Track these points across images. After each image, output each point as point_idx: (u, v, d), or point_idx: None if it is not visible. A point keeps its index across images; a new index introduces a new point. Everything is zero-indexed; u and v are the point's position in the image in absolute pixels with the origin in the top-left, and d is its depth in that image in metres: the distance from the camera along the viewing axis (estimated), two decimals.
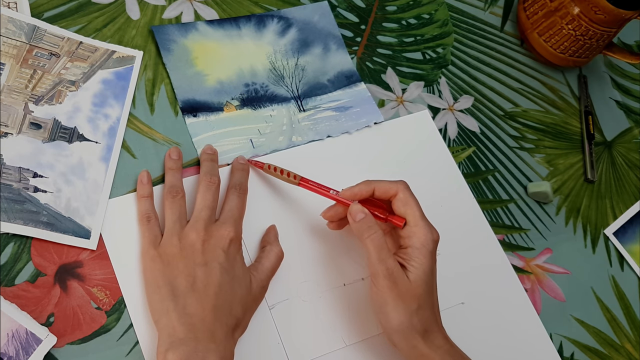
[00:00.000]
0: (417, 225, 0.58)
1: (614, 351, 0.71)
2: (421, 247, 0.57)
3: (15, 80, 0.64)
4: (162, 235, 0.60)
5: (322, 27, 0.78)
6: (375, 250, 0.57)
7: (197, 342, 0.53)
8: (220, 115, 0.69)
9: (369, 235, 0.57)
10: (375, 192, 0.60)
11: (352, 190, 0.60)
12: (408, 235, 0.58)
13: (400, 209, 0.59)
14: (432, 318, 0.57)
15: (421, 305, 0.57)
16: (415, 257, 0.57)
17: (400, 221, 0.59)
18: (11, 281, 0.57)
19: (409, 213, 0.58)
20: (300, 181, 0.63)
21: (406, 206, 0.59)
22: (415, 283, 0.56)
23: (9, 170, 0.60)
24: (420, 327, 0.56)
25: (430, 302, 0.57)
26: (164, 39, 0.71)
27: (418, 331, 0.56)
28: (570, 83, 0.87)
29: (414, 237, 0.58)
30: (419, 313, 0.56)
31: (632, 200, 0.81)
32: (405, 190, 0.59)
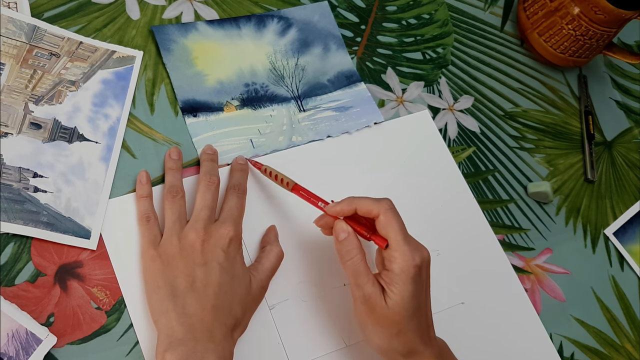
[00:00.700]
0: (397, 250, 0.55)
1: (614, 351, 0.71)
2: (400, 272, 0.54)
3: (15, 80, 0.64)
4: (161, 235, 0.60)
5: (322, 27, 0.78)
6: (352, 276, 0.56)
7: (196, 342, 0.53)
8: (220, 115, 0.69)
9: (348, 259, 0.57)
10: (357, 210, 0.58)
11: (335, 207, 0.59)
12: (389, 259, 0.56)
13: (382, 230, 0.57)
14: (416, 339, 0.56)
15: (402, 329, 0.55)
16: (395, 283, 0.55)
17: (382, 242, 0.57)
18: (11, 281, 0.57)
19: (391, 237, 0.56)
20: (292, 189, 0.63)
21: (387, 229, 0.56)
22: (393, 309, 0.54)
23: (9, 170, 0.60)
24: (402, 350, 0.55)
25: (414, 324, 0.55)
26: (164, 39, 0.71)
27: (401, 353, 0.55)
28: (570, 83, 0.87)
29: (395, 262, 0.55)
30: (400, 337, 0.55)
31: (632, 200, 0.81)
32: (387, 212, 0.56)
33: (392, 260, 0.55)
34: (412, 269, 0.55)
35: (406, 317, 0.55)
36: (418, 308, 0.55)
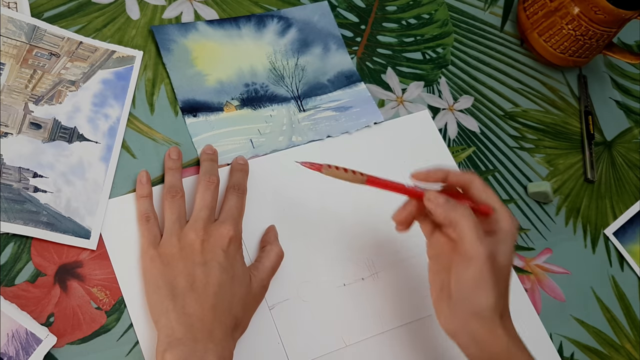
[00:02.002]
0: (503, 209, 0.57)
1: (614, 351, 0.71)
2: (509, 231, 0.56)
3: (15, 80, 0.64)
4: (161, 235, 0.60)
5: (322, 27, 0.78)
6: (474, 230, 0.54)
7: (196, 342, 0.53)
8: (220, 115, 0.69)
9: (463, 215, 0.54)
10: (449, 176, 0.58)
11: (424, 172, 0.58)
12: (496, 219, 0.56)
13: (481, 195, 0.57)
14: (507, 302, 0.56)
15: (506, 288, 0.56)
16: (504, 241, 0.55)
17: (487, 209, 0.57)
18: (11, 281, 0.57)
19: (493, 199, 0.57)
20: (367, 180, 0.58)
21: (487, 192, 0.57)
22: (505, 266, 0.55)
23: (9, 170, 0.60)
24: (502, 308, 0.55)
25: (509, 287, 0.57)
26: (164, 39, 0.71)
27: (500, 313, 0.55)
28: (570, 83, 0.87)
29: (503, 221, 0.56)
30: (505, 295, 0.56)
31: (632, 200, 0.81)
32: (480, 178, 0.58)
33: (499, 220, 0.56)
34: (516, 230, 0.57)
35: (510, 276, 0.56)
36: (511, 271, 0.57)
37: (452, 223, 0.55)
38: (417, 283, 0.67)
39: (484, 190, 0.57)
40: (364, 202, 0.69)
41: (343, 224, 0.68)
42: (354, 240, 0.68)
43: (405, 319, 0.65)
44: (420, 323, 0.65)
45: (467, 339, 0.55)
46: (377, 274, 0.67)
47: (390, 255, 0.68)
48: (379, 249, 0.68)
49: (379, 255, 0.67)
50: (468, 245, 0.54)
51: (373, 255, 0.67)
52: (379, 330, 0.64)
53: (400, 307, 0.66)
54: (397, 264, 0.67)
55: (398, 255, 0.68)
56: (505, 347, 0.54)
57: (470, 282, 0.54)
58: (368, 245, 0.68)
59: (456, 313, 0.55)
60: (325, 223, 0.68)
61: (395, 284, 0.67)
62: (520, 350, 0.55)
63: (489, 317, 0.54)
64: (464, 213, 0.54)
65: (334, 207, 0.68)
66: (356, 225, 0.68)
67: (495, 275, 0.54)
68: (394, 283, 0.67)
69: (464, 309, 0.55)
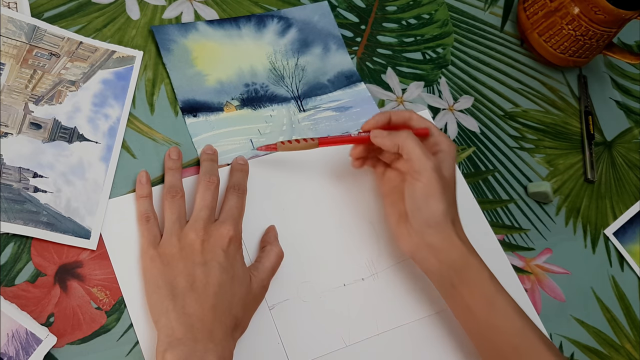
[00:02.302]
0: (441, 134, 0.64)
1: (614, 351, 0.71)
2: (449, 150, 0.63)
3: (15, 80, 0.64)
4: (161, 235, 0.60)
5: (322, 27, 0.78)
6: (420, 147, 0.60)
7: (196, 342, 0.53)
8: (220, 115, 0.69)
9: (407, 137, 0.61)
10: (391, 117, 0.64)
11: (371, 121, 0.64)
12: (436, 142, 0.64)
13: (420, 124, 0.64)
14: (456, 212, 0.62)
15: (454, 199, 0.62)
16: (446, 159, 0.63)
17: (425, 130, 0.64)
18: (11, 281, 0.57)
19: (430, 126, 0.65)
20: (319, 143, 0.65)
21: (425, 122, 0.65)
22: (450, 179, 0.62)
23: (9, 170, 0.60)
24: (453, 216, 0.61)
25: (455, 200, 0.63)
26: (164, 39, 0.71)
27: (451, 220, 0.60)
28: (570, 83, 0.87)
29: (442, 143, 0.64)
30: (454, 205, 0.62)
31: (632, 200, 0.81)
32: (417, 114, 0.65)
33: (439, 142, 0.64)
34: (454, 150, 0.64)
35: (455, 189, 0.63)
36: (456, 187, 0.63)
37: (399, 147, 0.61)
38: (417, 283, 0.67)
39: (421, 120, 0.65)
40: (364, 203, 0.69)
41: (343, 224, 0.68)
42: (353, 240, 0.68)
43: (405, 319, 0.65)
44: (420, 323, 0.65)
45: (426, 252, 0.60)
46: (377, 274, 0.67)
47: (390, 255, 0.68)
48: (379, 249, 0.68)
49: (379, 255, 0.67)
50: (416, 161, 0.60)
51: (373, 255, 0.67)
52: (378, 330, 0.64)
53: (400, 307, 0.66)
54: (396, 264, 0.67)
55: (398, 255, 0.68)
56: (460, 253, 0.60)
57: (421, 193, 0.60)
58: (368, 245, 0.68)
59: (413, 229, 0.61)
60: (325, 223, 0.68)
61: (395, 284, 0.67)
62: (473, 255, 0.60)
63: (442, 223, 0.60)
64: (407, 135, 0.61)
65: (334, 207, 0.68)
66: (356, 226, 0.68)
67: (443, 185, 0.60)
68: (394, 283, 0.67)
69: (419, 222, 0.60)
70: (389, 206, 0.65)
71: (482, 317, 0.59)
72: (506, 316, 0.59)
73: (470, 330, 0.62)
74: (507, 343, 0.59)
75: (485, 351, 0.61)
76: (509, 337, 0.59)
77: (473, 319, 0.60)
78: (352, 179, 0.70)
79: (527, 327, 0.59)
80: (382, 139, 0.62)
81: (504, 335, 0.59)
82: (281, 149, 0.65)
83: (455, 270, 0.60)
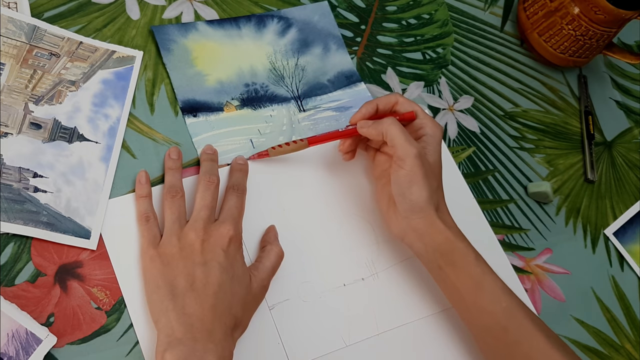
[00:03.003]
0: (426, 118, 0.65)
1: (614, 351, 0.71)
2: (434, 135, 0.64)
3: (15, 80, 0.64)
4: (161, 235, 0.60)
5: (322, 27, 0.78)
6: (402, 134, 0.61)
7: (196, 342, 0.53)
8: (221, 115, 0.69)
9: (390, 124, 0.61)
10: (379, 105, 0.65)
11: (358, 113, 0.65)
12: (420, 126, 0.64)
13: (406, 107, 0.65)
14: (442, 197, 0.63)
15: (439, 185, 0.63)
16: (431, 143, 0.63)
17: (411, 114, 0.65)
18: (11, 281, 0.57)
19: (416, 109, 0.65)
20: (308, 141, 0.66)
21: (411, 105, 0.65)
22: (434, 164, 0.63)
23: (9, 170, 0.60)
24: (436, 203, 0.61)
25: (441, 184, 0.63)
26: (164, 39, 0.71)
27: (435, 206, 0.61)
28: (570, 83, 0.87)
29: (427, 126, 0.64)
30: (438, 191, 0.62)
31: (632, 200, 0.81)
32: (403, 97, 0.66)
33: (423, 126, 0.64)
34: (439, 133, 0.64)
35: (440, 173, 0.64)
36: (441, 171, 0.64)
37: (384, 134, 0.62)
38: (417, 283, 0.67)
39: (407, 103, 0.66)
40: (364, 203, 0.69)
41: (343, 224, 0.68)
42: (354, 240, 0.68)
43: (405, 319, 0.65)
44: (420, 323, 0.65)
45: (412, 236, 0.62)
46: (377, 274, 0.67)
47: (390, 256, 0.68)
48: (378, 249, 0.68)
49: (379, 255, 0.67)
50: (399, 147, 0.60)
51: (373, 255, 0.67)
52: (378, 330, 0.64)
53: (400, 307, 0.66)
54: (397, 264, 0.67)
55: (398, 255, 0.68)
56: (445, 237, 0.61)
57: (404, 179, 0.61)
58: (368, 245, 0.68)
59: (399, 214, 0.62)
60: (325, 223, 0.68)
61: (395, 284, 0.67)
62: (459, 239, 0.61)
63: (426, 209, 0.61)
64: (390, 122, 0.61)
65: (334, 207, 0.68)
66: (356, 226, 0.68)
67: (426, 172, 0.61)
68: (393, 283, 0.67)
69: (404, 208, 0.61)
70: (379, 189, 0.66)
71: (469, 298, 0.60)
72: (493, 297, 0.60)
73: (460, 311, 0.62)
74: (496, 323, 0.60)
75: (476, 332, 0.62)
76: (497, 317, 0.60)
77: (462, 301, 0.61)
78: (352, 179, 0.70)
79: (515, 308, 0.60)
80: (367, 129, 0.63)
81: (493, 315, 0.60)
82: (272, 154, 0.66)
83: (441, 253, 0.61)
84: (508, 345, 0.59)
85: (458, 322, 0.65)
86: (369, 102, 0.65)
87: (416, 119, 0.65)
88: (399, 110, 0.66)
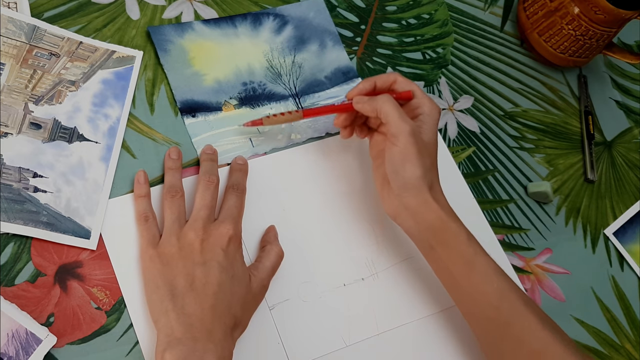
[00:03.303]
0: (424, 97, 0.64)
1: (614, 351, 0.71)
2: (430, 113, 0.64)
3: (15, 80, 0.64)
4: (160, 235, 0.60)
5: (317, 24, 0.78)
6: (397, 111, 0.61)
7: (195, 341, 0.53)
8: (219, 115, 0.69)
9: (384, 101, 0.61)
10: (377, 83, 0.65)
11: (355, 89, 0.65)
12: (417, 105, 0.64)
13: (404, 86, 0.65)
14: (436, 177, 0.63)
15: (433, 163, 0.63)
16: (427, 122, 0.63)
17: (408, 93, 0.65)
18: (11, 281, 0.57)
19: (414, 88, 0.65)
20: (303, 113, 0.66)
21: (410, 84, 0.65)
22: (429, 143, 0.62)
23: (9, 170, 0.60)
24: (430, 182, 0.61)
25: (436, 164, 0.63)
26: (161, 39, 0.71)
27: (429, 185, 0.61)
28: (570, 83, 0.87)
29: (424, 105, 0.64)
30: (432, 170, 0.62)
31: (632, 200, 0.81)
32: (402, 76, 0.66)
33: (421, 105, 0.64)
34: (437, 113, 0.64)
35: (435, 153, 0.63)
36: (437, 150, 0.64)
37: (378, 111, 0.62)
38: (417, 283, 0.67)
39: (406, 82, 0.65)
40: (364, 203, 0.69)
41: (343, 224, 0.68)
42: (353, 240, 0.68)
43: (405, 319, 0.65)
44: (420, 323, 0.65)
45: (405, 214, 0.61)
46: (377, 274, 0.67)
47: (390, 255, 0.68)
48: (379, 249, 0.68)
49: (379, 255, 0.67)
50: (393, 125, 0.60)
51: (373, 255, 0.67)
52: (378, 330, 0.64)
53: (400, 307, 0.66)
54: (397, 264, 0.67)
55: (398, 255, 0.68)
56: (437, 216, 0.60)
57: (398, 157, 0.60)
58: (368, 245, 0.68)
59: (393, 192, 0.62)
60: (326, 223, 0.68)
61: (395, 284, 0.67)
62: (452, 219, 0.61)
63: (418, 187, 0.60)
64: (385, 99, 0.62)
65: (334, 207, 0.68)
66: (356, 225, 0.68)
67: (420, 150, 0.60)
68: (393, 283, 0.67)
69: (398, 185, 0.61)
70: (375, 169, 0.66)
71: (461, 278, 0.60)
72: (485, 277, 0.60)
73: (452, 292, 0.62)
74: (488, 304, 0.59)
75: (468, 313, 0.62)
76: (489, 298, 0.59)
77: (453, 281, 0.61)
78: (352, 179, 0.70)
79: (507, 288, 0.60)
80: (362, 104, 0.63)
81: (484, 296, 0.60)
82: (267, 122, 0.67)
83: (433, 232, 0.61)
84: (500, 326, 0.59)
85: (458, 322, 0.66)
86: (367, 79, 0.66)
87: (414, 99, 0.65)
88: (396, 89, 0.66)
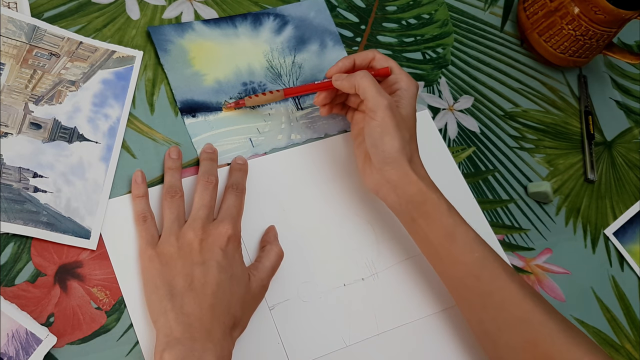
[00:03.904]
0: (401, 73, 0.66)
1: (614, 351, 0.71)
2: (407, 89, 0.65)
3: (15, 80, 0.64)
4: (159, 234, 0.60)
5: (318, 24, 0.78)
6: (374, 86, 0.62)
7: (194, 341, 0.53)
8: (219, 115, 0.69)
9: (362, 76, 0.62)
10: (355, 61, 0.67)
11: (334, 67, 0.66)
12: (395, 80, 0.66)
13: (382, 63, 0.66)
14: (415, 150, 0.64)
15: (412, 137, 0.64)
16: (404, 97, 0.64)
17: (386, 69, 0.66)
18: (11, 281, 0.57)
19: (392, 65, 0.66)
20: (285, 93, 0.69)
21: (388, 61, 0.66)
22: (407, 117, 0.63)
23: (9, 170, 0.60)
24: (409, 154, 0.62)
25: (415, 138, 0.64)
26: (161, 39, 0.71)
27: (408, 158, 0.62)
28: (570, 83, 0.87)
29: (401, 81, 0.65)
30: (411, 143, 0.63)
31: (632, 200, 0.81)
32: (380, 53, 0.67)
33: (398, 81, 0.66)
34: (414, 88, 0.66)
35: (414, 127, 0.64)
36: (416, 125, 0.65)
37: (356, 87, 0.63)
38: (417, 283, 0.67)
39: (384, 59, 0.67)
40: (364, 203, 0.69)
41: (343, 224, 0.68)
42: (353, 240, 0.68)
43: (405, 319, 0.65)
44: (420, 323, 0.65)
45: (386, 188, 0.62)
46: (377, 274, 0.67)
47: (390, 255, 0.68)
48: (378, 249, 0.68)
49: (379, 255, 0.67)
50: (370, 99, 0.62)
51: (373, 255, 0.67)
52: (379, 330, 0.64)
53: (400, 307, 0.66)
54: (396, 264, 0.67)
55: (398, 255, 0.68)
56: (417, 188, 0.61)
57: (377, 130, 0.61)
58: (368, 245, 0.68)
59: (374, 166, 0.63)
60: (325, 223, 0.68)
61: (395, 284, 0.67)
62: (431, 190, 0.61)
63: (398, 160, 0.61)
64: (362, 75, 0.63)
65: (334, 207, 0.68)
66: (356, 225, 0.68)
67: (398, 123, 0.62)
68: (393, 283, 0.67)
69: (378, 159, 0.62)
70: (356, 148, 0.67)
71: (442, 249, 0.61)
72: (466, 247, 0.60)
73: (434, 263, 0.63)
74: (469, 273, 0.60)
75: (450, 283, 0.62)
76: (470, 267, 0.60)
77: (435, 252, 0.62)
78: (352, 179, 0.70)
79: (488, 258, 0.60)
80: (340, 81, 0.64)
81: (465, 265, 0.60)
82: (249, 103, 0.69)
83: (414, 204, 0.61)
84: (481, 295, 0.60)
85: (458, 321, 0.66)
86: (347, 57, 0.67)
87: (391, 75, 0.66)
88: (375, 66, 0.67)
